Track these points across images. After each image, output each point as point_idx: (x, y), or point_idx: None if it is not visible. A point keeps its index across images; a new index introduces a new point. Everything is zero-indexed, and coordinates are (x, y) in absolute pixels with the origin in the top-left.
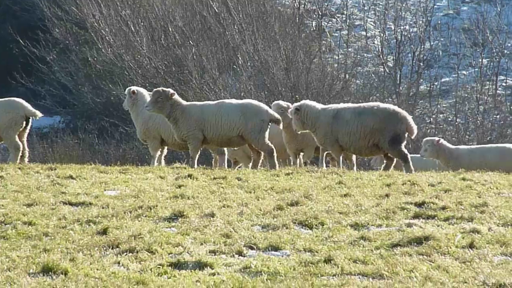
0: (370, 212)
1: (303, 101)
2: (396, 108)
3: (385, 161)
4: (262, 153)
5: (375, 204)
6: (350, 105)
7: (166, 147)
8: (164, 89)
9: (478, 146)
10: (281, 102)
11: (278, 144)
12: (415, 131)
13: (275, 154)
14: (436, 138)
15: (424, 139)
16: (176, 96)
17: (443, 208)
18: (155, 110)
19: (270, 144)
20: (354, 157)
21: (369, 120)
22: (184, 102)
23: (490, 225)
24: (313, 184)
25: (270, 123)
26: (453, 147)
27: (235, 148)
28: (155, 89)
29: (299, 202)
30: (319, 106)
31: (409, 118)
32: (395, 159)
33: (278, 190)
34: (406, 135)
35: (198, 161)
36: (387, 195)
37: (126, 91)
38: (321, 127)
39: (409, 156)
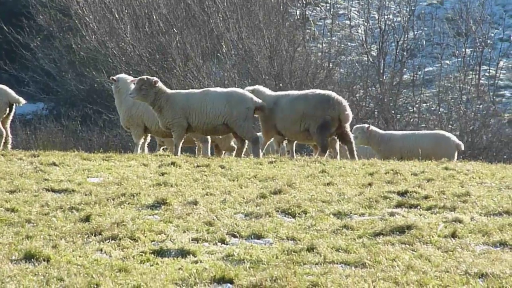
0: (353, 201)
1: (256, 86)
2: (331, 93)
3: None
4: (246, 141)
5: (358, 193)
6: (291, 92)
7: (149, 135)
8: (149, 77)
9: (412, 132)
10: (261, 88)
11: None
12: (349, 119)
13: (259, 142)
14: (366, 125)
15: (355, 126)
16: (160, 84)
17: (426, 197)
18: (139, 97)
19: (254, 132)
20: (338, 145)
21: (300, 105)
22: (168, 90)
23: (473, 214)
24: (296, 173)
25: (255, 111)
26: (384, 132)
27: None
28: (139, 77)
29: (282, 190)
30: (269, 92)
31: (344, 104)
32: (353, 143)
33: (261, 178)
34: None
35: (182, 148)
36: (370, 184)
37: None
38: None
39: (327, 148)
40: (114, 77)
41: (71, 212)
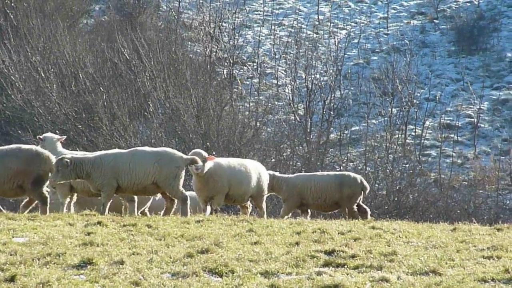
0: (280, 260)
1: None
2: (38, 149)
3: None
4: (176, 200)
5: (285, 252)
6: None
7: (75, 194)
8: (63, 157)
9: (313, 173)
10: (201, 151)
11: None
12: None
13: (188, 201)
14: (271, 172)
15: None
16: (75, 159)
17: (353, 256)
18: (60, 179)
19: (184, 191)
20: (264, 205)
21: (12, 162)
22: (91, 155)
23: (399, 273)
24: (224, 232)
25: (185, 168)
26: (287, 176)
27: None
28: (57, 159)
29: (209, 249)
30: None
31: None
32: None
33: (188, 237)
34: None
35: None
36: (297, 243)
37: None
38: None
39: (48, 200)
40: (41, 136)
41: None
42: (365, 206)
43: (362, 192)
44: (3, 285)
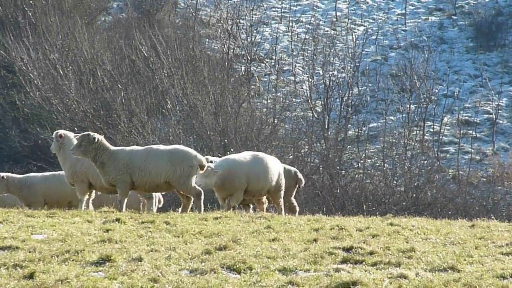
0: (298, 257)
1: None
2: None
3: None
4: (192, 197)
5: (303, 248)
6: None
7: (94, 191)
8: (90, 133)
9: (54, 173)
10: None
11: None
12: None
13: (202, 196)
14: (2, 174)
15: None
16: (102, 141)
17: (371, 253)
18: (79, 153)
19: (197, 187)
20: (282, 201)
21: None
22: (111, 147)
23: (418, 270)
24: (242, 229)
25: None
26: (22, 176)
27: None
28: (81, 133)
29: (227, 246)
30: None
31: None
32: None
33: (206, 234)
34: None
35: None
36: (315, 240)
37: (53, 134)
38: None
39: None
40: (62, 134)
41: (15, 269)
42: (295, 203)
43: (297, 185)
44: (22, 282)
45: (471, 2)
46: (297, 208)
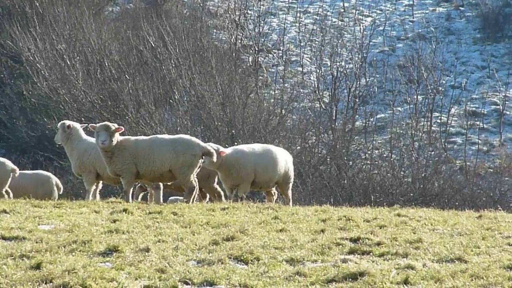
0: (306, 248)
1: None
2: None
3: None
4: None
5: (311, 239)
6: None
7: (101, 181)
8: (107, 122)
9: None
10: (215, 146)
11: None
12: None
13: (195, 192)
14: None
15: None
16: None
17: (378, 244)
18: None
19: (194, 182)
20: (290, 192)
21: None
22: (120, 137)
23: (425, 261)
24: (249, 219)
25: (202, 157)
26: None
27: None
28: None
29: (234, 237)
30: None
31: None
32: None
33: (213, 225)
34: None
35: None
36: (322, 231)
37: (59, 125)
38: None
39: None
40: (71, 125)
41: (21, 259)
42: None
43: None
44: (29, 272)
45: None
46: (222, 193)
